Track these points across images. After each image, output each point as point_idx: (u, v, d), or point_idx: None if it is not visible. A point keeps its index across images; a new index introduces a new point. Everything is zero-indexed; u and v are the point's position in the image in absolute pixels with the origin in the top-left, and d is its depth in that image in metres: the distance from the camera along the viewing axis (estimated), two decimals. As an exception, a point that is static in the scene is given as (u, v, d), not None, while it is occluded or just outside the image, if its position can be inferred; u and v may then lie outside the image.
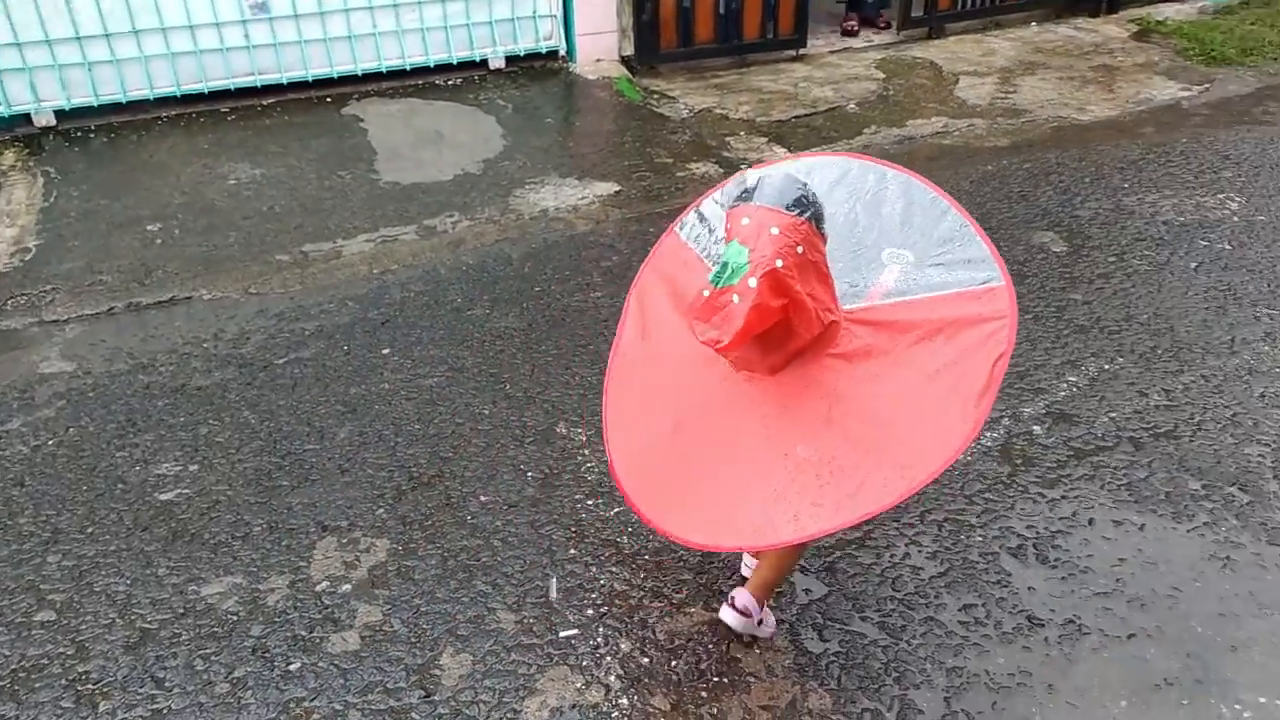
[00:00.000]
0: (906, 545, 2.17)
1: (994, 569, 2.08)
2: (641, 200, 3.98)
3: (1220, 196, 3.78)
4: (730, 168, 4.25)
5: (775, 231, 1.46)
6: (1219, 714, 1.77)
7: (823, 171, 1.80)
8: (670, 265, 1.88)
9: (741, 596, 1.85)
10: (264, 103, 4.76)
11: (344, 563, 2.16)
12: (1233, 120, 4.66)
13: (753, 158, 4.36)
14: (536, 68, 5.27)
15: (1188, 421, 2.52)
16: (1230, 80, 5.22)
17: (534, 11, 5.11)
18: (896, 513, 2.26)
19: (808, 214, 1.52)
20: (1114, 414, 2.56)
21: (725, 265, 1.46)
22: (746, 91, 5.16)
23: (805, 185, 1.56)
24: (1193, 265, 3.29)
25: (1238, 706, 1.78)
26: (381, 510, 2.31)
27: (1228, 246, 3.40)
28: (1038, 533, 2.17)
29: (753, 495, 1.59)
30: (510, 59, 5.19)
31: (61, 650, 1.97)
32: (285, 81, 4.79)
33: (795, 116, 4.84)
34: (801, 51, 5.62)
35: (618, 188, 4.07)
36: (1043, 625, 1.95)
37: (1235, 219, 3.60)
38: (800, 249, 1.49)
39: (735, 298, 1.44)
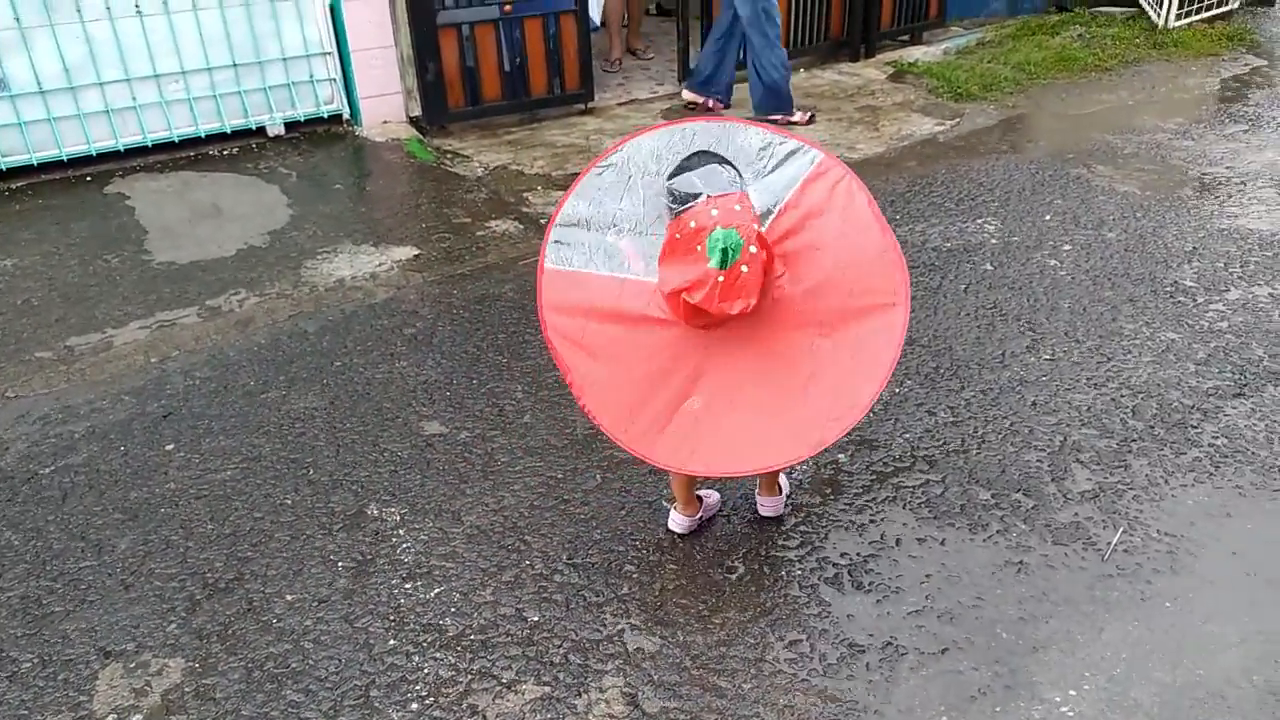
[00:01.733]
0: (731, 587, 2.19)
1: (815, 600, 2.14)
2: (442, 262, 3.90)
3: (979, 221, 4.14)
4: (529, 223, 4.25)
5: (738, 207, 1.85)
6: (1029, 717, 1.88)
7: (692, 138, 2.04)
8: (565, 295, 2.02)
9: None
10: (12, 186, 4.34)
11: (132, 690, 1.94)
12: (983, 150, 5.14)
13: (551, 211, 4.38)
14: (320, 133, 5.10)
15: (973, 435, 2.71)
16: (976, 114, 5.75)
17: (310, 76, 4.96)
18: (721, 554, 2.29)
19: (740, 185, 1.93)
20: (908, 435, 2.72)
21: (725, 251, 1.78)
22: (540, 146, 5.20)
23: (724, 165, 1.91)
24: (962, 287, 3.57)
25: (1044, 706, 1.90)
26: (173, 625, 2.10)
27: (990, 267, 3.72)
28: (851, 559, 2.26)
29: (808, 407, 1.94)
30: (290, 125, 5.00)
31: None
32: (35, 163, 4.39)
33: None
34: (590, 105, 5.74)
35: (416, 251, 3.98)
36: (863, 651, 2.01)
37: (994, 241, 3.95)
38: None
39: (745, 268, 1.81)
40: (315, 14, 4.83)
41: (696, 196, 1.88)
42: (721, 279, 1.81)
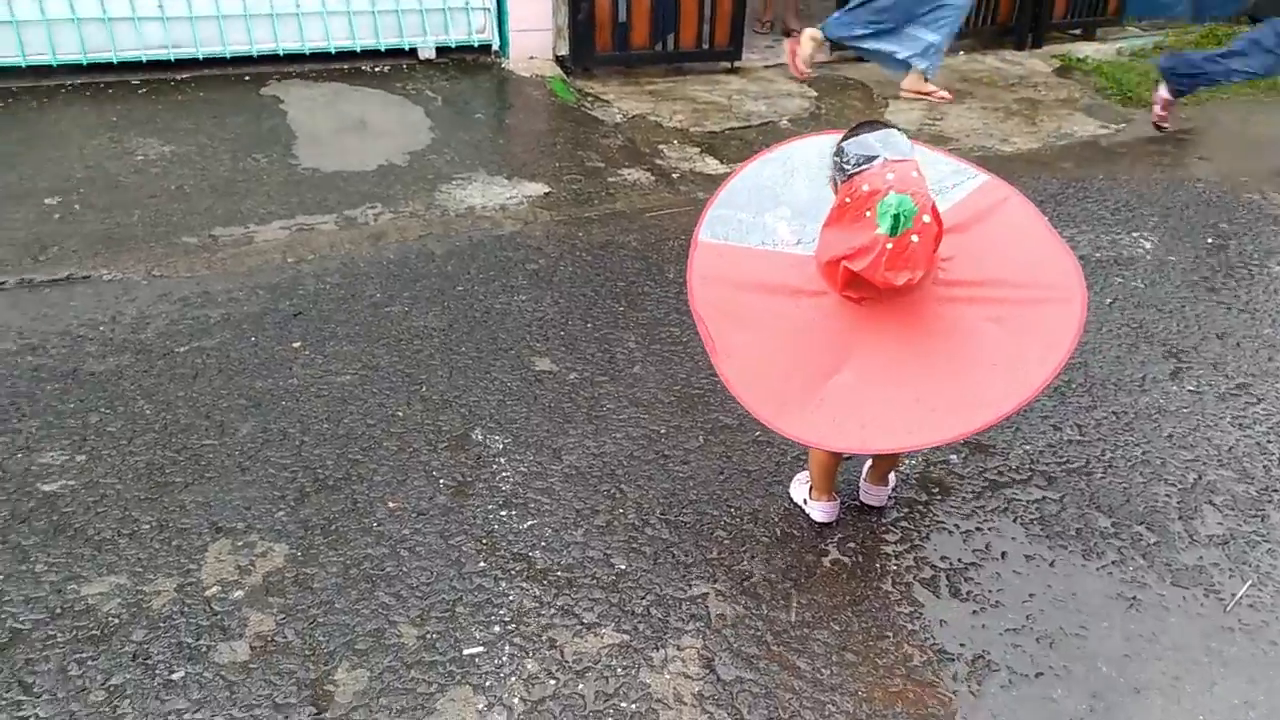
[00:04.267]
0: (823, 570, 2.15)
1: (907, 599, 2.08)
2: (571, 203, 3.91)
3: (1134, 235, 3.91)
4: (662, 175, 4.22)
5: (915, 175, 1.77)
6: (1117, 749, 1.80)
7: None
8: (715, 266, 2.02)
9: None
10: (178, 77, 4.53)
11: (237, 567, 2.04)
12: (1147, 160, 4.83)
13: (684, 167, 4.34)
14: (468, 61, 5.15)
15: (1098, 458, 2.58)
16: (1145, 121, 5.40)
17: (467, 4, 5.00)
18: (816, 535, 2.25)
19: (914, 154, 1.84)
20: (1028, 447, 2.60)
21: (898, 217, 1.71)
22: (681, 100, 5.14)
23: (894, 133, 1.83)
24: (1108, 301, 3.39)
25: (1135, 742, 1.81)
26: (281, 513, 2.19)
27: (1140, 284, 3.51)
28: (951, 564, 2.18)
29: (977, 379, 1.88)
30: (441, 50, 5.07)
31: (-85, 656, 1.81)
32: (201, 57, 4.58)
33: (729, 129, 4.84)
34: (736, 64, 5.63)
35: (547, 189, 4.00)
36: (953, 660, 1.95)
37: (1148, 257, 3.73)
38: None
39: (915, 238, 1.74)
40: (481, -60, 4.87)
41: (872, 159, 1.79)
42: (890, 246, 1.75)
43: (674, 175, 4.26)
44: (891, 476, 2.34)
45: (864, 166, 1.79)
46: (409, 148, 4.20)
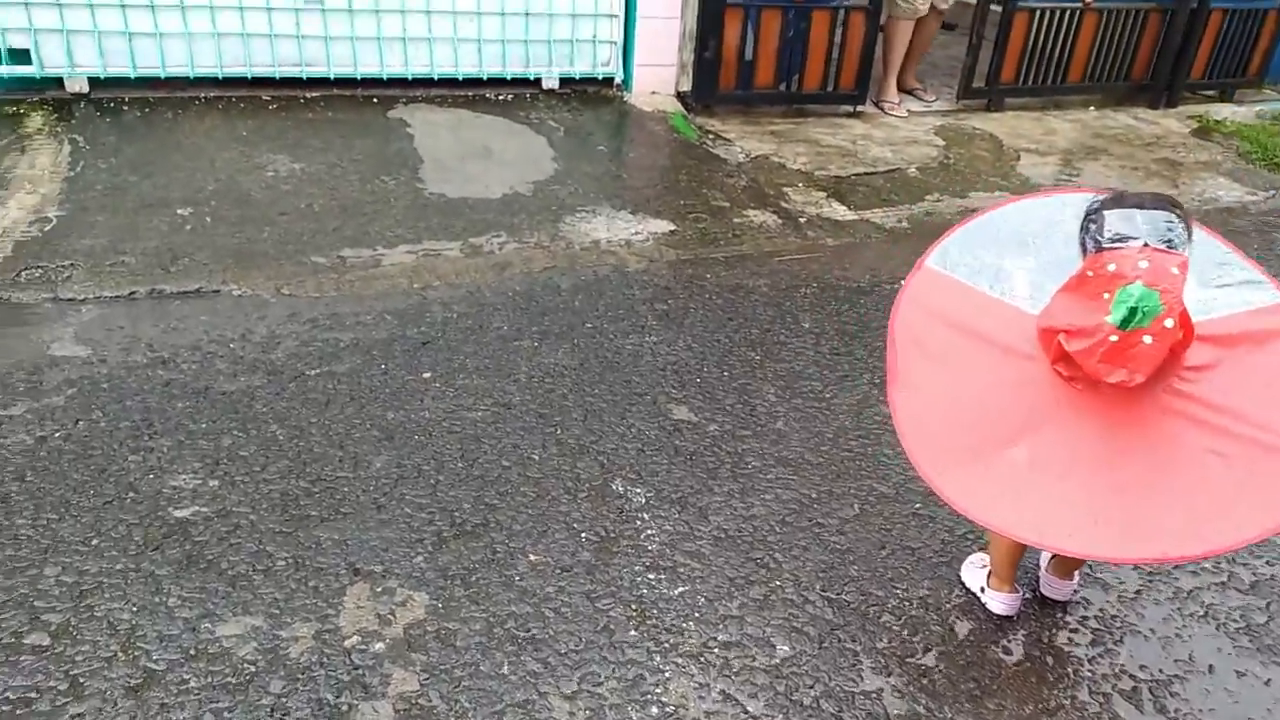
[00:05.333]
0: (1008, 671, 1.94)
1: (1108, 713, 1.86)
2: (697, 242, 3.79)
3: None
4: (788, 218, 4.07)
5: (1175, 271, 1.58)
6: None
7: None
8: (931, 294, 1.90)
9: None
10: (308, 95, 4.55)
11: (377, 615, 1.92)
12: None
13: (811, 211, 4.19)
14: (590, 93, 5.10)
15: (1299, 559, 2.33)
16: (1293, 190, 5.10)
17: (594, 36, 4.95)
18: (996, 629, 2.04)
19: (1185, 249, 1.63)
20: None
21: (1134, 310, 1.55)
22: (803, 142, 5.00)
23: (1177, 216, 1.64)
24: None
25: None
26: (420, 558, 2.07)
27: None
28: (1152, 676, 1.95)
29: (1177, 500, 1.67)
30: (564, 81, 5.02)
31: (53, 684, 1.71)
32: (332, 77, 4.60)
33: (855, 174, 4.68)
34: (860, 108, 5.48)
35: (672, 227, 3.88)
36: (1170, 787, 1.73)
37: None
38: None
39: (1148, 339, 1.56)
40: (613, -27, 4.82)
41: (1130, 239, 1.62)
42: (1115, 339, 1.58)
43: (801, 219, 4.11)
44: (1076, 574, 2.12)
45: (1118, 245, 1.62)
46: (532, 177, 4.12)
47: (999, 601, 2.07)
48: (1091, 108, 6.11)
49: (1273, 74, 6.59)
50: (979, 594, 2.11)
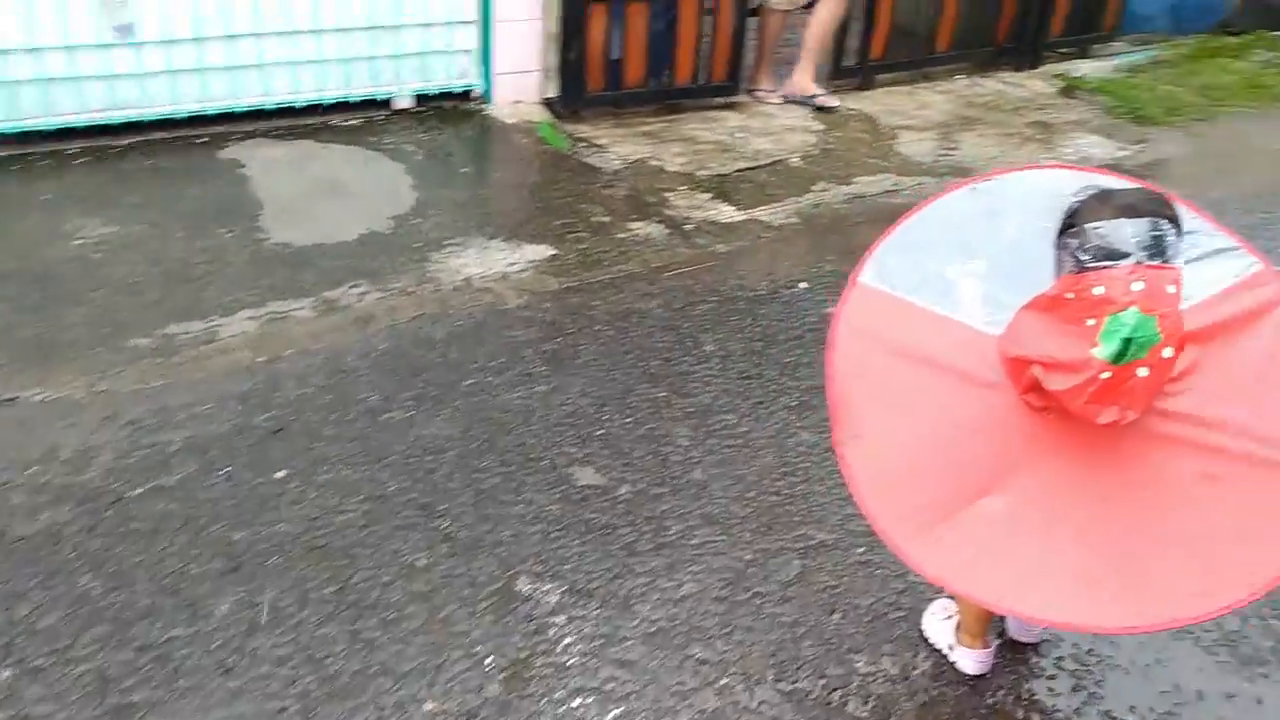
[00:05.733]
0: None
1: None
2: (580, 266, 3.44)
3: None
4: (674, 227, 3.77)
5: (1172, 290, 1.35)
6: None
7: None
8: (872, 318, 1.64)
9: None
10: (123, 143, 3.98)
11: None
12: (1176, 181, 4.46)
13: (697, 216, 3.89)
14: (448, 109, 4.67)
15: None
16: (1163, 140, 5.10)
17: (448, 45, 4.53)
18: (972, 689, 1.78)
19: (1179, 258, 1.39)
20: None
21: (1128, 342, 1.31)
22: (679, 141, 4.71)
23: (1172, 225, 1.38)
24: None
25: None
26: (285, 731, 1.67)
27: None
28: (1142, 714, 1.73)
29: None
30: (419, 98, 4.58)
31: None
32: (150, 119, 4.04)
33: (737, 170, 4.41)
34: (733, 99, 5.21)
35: (553, 251, 3.52)
36: None
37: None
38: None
39: (1143, 371, 1.34)
40: (464, -24, 4.40)
41: (1122, 257, 1.36)
42: (1106, 376, 1.32)
43: (687, 227, 3.81)
44: None
45: (1106, 264, 1.35)
46: (391, 211, 3.69)
47: (971, 660, 1.81)
48: (960, 77, 6.02)
49: (1125, 27, 6.65)
50: (947, 652, 1.85)
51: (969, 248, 1.66)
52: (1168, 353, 1.32)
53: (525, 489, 2.30)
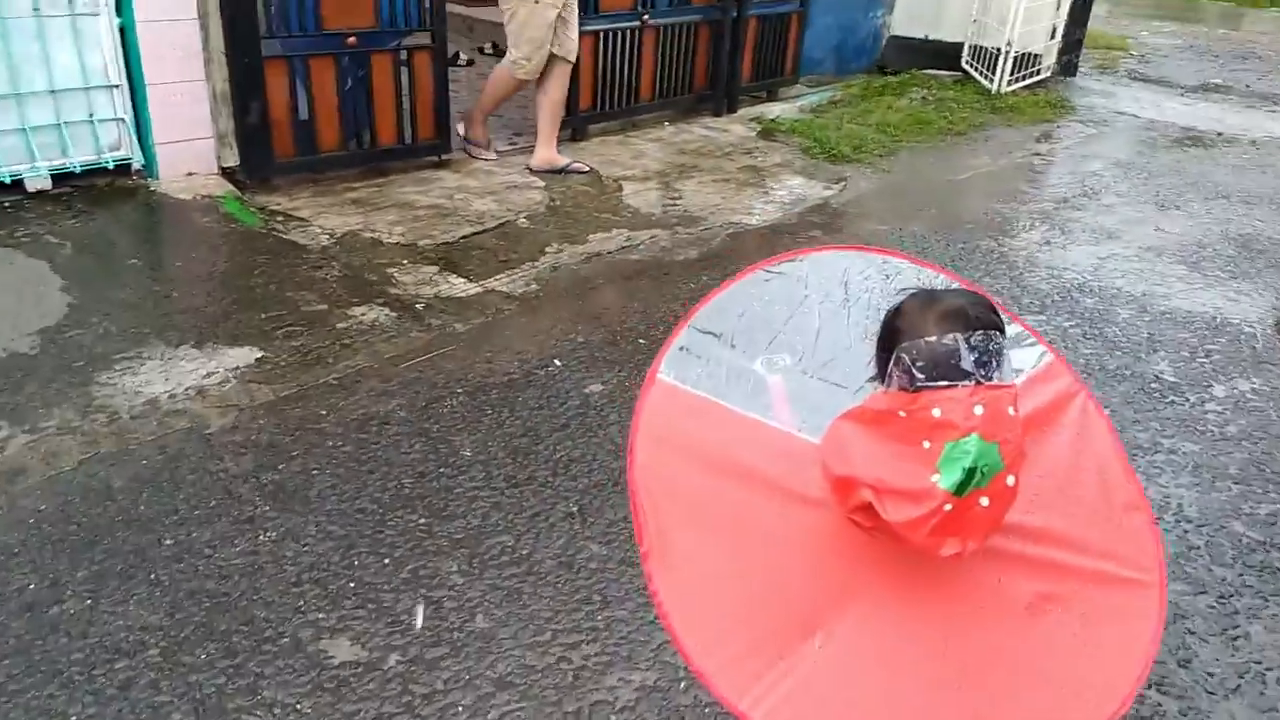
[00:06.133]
0: None
1: None
2: (297, 368, 2.93)
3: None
4: (404, 308, 3.35)
5: (1012, 411, 1.19)
6: None
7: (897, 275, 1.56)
8: (675, 424, 1.40)
9: None
10: None
11: None
12: (879, 216, 4.77)
13: (427, 293, 3.50)
14: (101, 187, 3.92)
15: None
16: (858, 177, 5.43)
17: (90, 114, 3.78)
18: None
19: (1012, 373, 1.23)
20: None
21: (972, 472, 1.15)
22: (394, 208, 4.28)
23: (997, 335, 1.21)
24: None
25: None
26: None
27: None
28: None
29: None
30: (59, 177, 3.79)
31: None
32: None
33: (463, 236, 4.07)
34: (445, 157, 4.87)
35: (260, 353, 2.98)
36: None
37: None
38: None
39: (985, 500, 1.18)
40: (99, 35, 3.67)
41: (962, 375, 1.18)
42: (949, 508, 1.15)
43: (418, 306, 3.41)
44: None
45: (943, 384, 1.18)
46: (36, 324, 2.96)
47: None
48: (666, 123, 6.09)
49: (803, 69, 7.12)
50: None
51: (773, 339, 1.50)
52: (1010, 480, 1.18)
53: (263, 685, 1.80)
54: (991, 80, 7.35)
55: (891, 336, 1.27)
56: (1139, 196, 5.30)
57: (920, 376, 1.18)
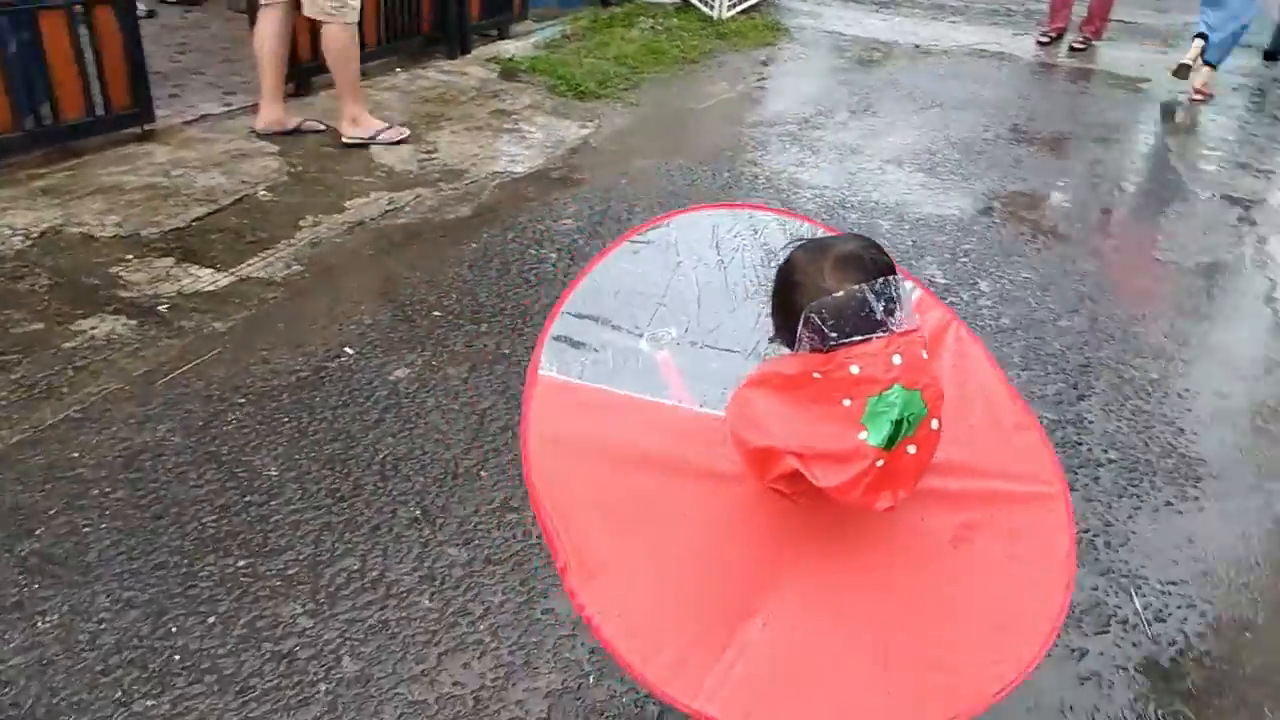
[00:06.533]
0: None
1: None
2: (24, 405, 2.41)
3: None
4: (145, 314, 2.85)
5: (925, 355, 1.16)
6: None
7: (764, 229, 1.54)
8: (567, 422, 1.30)
9: None
10: None
11: None
12: (644, 153, 4.69)
13: (168, 291, 2.99)
14: None
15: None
16: (611, 114, 5.32)
17: None
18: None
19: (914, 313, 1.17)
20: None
21: (899, 423, 1.11)
22: (99, 193, 3.61)
23: (896, 275, 1.15)
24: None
25: None
26: None
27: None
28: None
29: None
30: None
31: None
32: None
33: (195, 219, 3.51)
34: (149, 127, 4.17)
35: (-31, 395, 2.39)
36: None
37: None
38: None
39: (912, 449, 1.14)
40: None
41: (874, 326, 1.11)
42: (881, 464, 1.11)
43: (161, 308, 2.91)
44: None
45: (856, 339, 1.11)
46: None
47: None
48: (399, 70, 5.64)
49: (531, 2, 6.87)
50: None
51: (654, 314, 1.41)
52: (935, 424, 1.15)
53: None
54: (712, 7, 7.47)
55: (788, 292, 1.20)
56: (866, 111, 5.61)
57: (833, 336, 1.11)
